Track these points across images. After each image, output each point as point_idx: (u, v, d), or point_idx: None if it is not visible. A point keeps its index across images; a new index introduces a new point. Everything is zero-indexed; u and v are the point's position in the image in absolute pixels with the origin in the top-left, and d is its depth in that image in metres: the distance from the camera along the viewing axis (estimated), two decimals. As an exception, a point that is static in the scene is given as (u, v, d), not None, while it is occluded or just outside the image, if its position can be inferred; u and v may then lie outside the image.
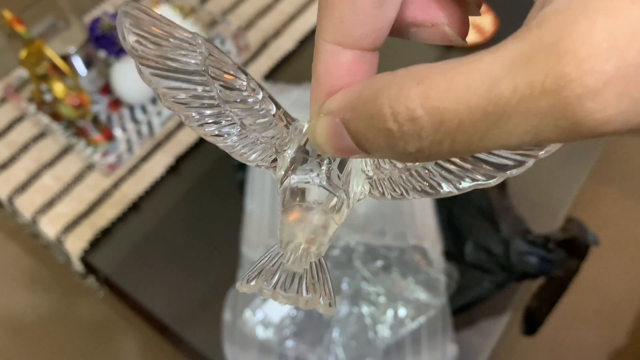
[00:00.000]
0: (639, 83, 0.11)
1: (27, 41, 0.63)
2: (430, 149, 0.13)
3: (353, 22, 0.16)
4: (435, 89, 0.13)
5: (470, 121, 0.12)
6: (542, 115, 0.12)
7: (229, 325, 0.58)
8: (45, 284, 1.23)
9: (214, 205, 0.69)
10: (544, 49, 0.11)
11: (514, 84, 0.12)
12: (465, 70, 0.12)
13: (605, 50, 0.11)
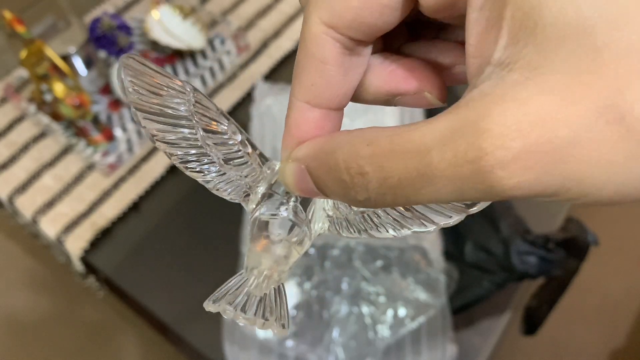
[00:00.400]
0: (539, 159, 0.13)
1: (28, 41, 0.63)
2: (376, 199, 0.16)
3: (321, 87, 0.18)
4: (381, 151, 0.15)
5: (407, 179, 0.15)
6: (464, 179, 0.14)
7: (229, 325, 0.58)
8: (45, 284, 1.23)
9: (214, 206, 0.69)
10: (468, 125, 0.14)
11: (442, 153, 0.14)
12: (406, 138, 0.15)
13: (513, 132, 0.13)
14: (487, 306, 0.60)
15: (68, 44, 0.72)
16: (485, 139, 0.13)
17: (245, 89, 0.79)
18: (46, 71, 0.66)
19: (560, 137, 0.13)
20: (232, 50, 0.81)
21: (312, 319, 0.58)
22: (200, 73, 0.78)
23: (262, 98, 0.73)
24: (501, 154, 0.13)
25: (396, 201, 0.16)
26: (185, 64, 0.80)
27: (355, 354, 0.56)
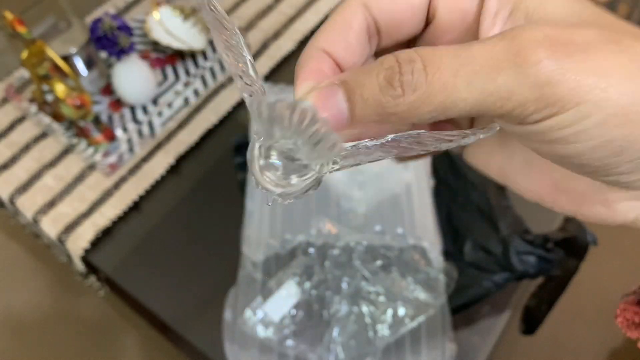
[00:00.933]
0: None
1: (29, 42, 0.64)
2: (419, 102, 0.16)
3: (341, 45, 0.19)
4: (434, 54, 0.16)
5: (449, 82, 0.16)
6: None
7: (230, 325, 0.58)
8: (46, 284, 1.23)
9: (214, 205, 0.69)
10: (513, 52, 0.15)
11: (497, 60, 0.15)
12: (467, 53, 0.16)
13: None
14: (486, 306, 0.60)
15: (69, 44, 0.72)
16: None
17: (246, 90, 0.79)
18: (47, 71, 0.66)
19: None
20: (232, 51, 0.81)
21: (312, 319, 0.58)
22: (201, 73, 0.78)
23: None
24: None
25: (434, 106, 0.16)
26: (185, 65, 0.80)
27: (355, 353, 0.56)
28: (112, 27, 0.69)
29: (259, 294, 0.59)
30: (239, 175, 0.70)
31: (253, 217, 0.64)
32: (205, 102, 0.78)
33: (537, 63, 0.15)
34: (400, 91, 0.16)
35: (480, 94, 0.15)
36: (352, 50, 0.19)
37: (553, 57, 0.15)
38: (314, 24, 0.86)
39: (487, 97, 0.15)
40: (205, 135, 0.75)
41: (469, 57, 0.15)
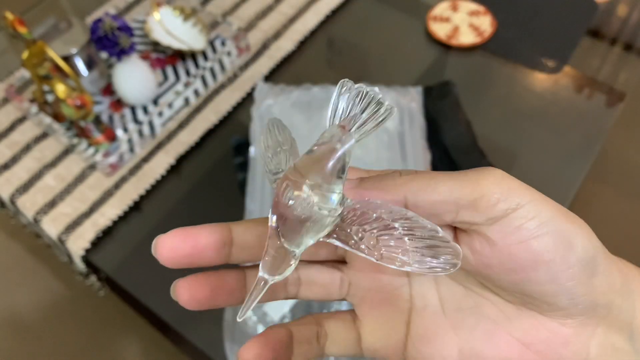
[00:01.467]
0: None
1: (29, 42, 0.64)
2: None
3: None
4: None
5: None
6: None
7: (230, 324, 0.58)
8: (47, 283, 1.23)
9: (214, 205, 0.69)
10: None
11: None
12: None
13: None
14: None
15: (69, 44, 0.72)
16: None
17: (246, 90, 0.79)
18: (48, 72, 0.66)
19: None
20: (232, 51, 0.81)
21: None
22: (201, 74, 0.78)
23: (263, 99, 0.73)
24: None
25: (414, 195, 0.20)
26: (186, 65, 0.80)
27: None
28: (112, 28, 0.69)
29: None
30: (239, 175, 0.70)
31: (253, 216, 0.64)
32: (206, 103, 0.78)
33: (494, 171, 0.19)
34: (398, 174, 0.21)
35: (455, 184, 0.19)
36: None
37: (504, 174, 0.19)
38: (314, 24, 0.86)
39: (461, 185, 0.19)
40: (205, 136, 0.75)
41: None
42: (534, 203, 0.19)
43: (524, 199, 0.19)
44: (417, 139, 0.67)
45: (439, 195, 0.19)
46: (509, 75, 0.80)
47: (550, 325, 0.20)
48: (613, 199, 1.31)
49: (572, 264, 0.19)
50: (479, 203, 0.19)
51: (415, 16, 0.88)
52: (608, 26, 0.87)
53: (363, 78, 0.78)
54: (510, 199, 0.19)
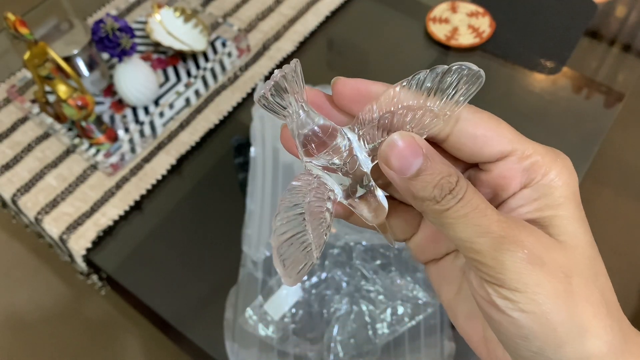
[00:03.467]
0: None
1: (31, 43, 0.64)
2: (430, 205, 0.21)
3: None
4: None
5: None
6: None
7: (230, 323, 0.59)
8: (48, 283, 1.23)
9: (215, 205, 0.70)
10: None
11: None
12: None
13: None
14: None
15: (71, 45, 0.73)
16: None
17: (246, 90, 0.79)
18: (49, 72, 0.67)
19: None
20: (233, 52, 0.82)
21: (312, 317, 0.58)
22: (202, 74, 0.78)
23: (263, 99, 0.73)
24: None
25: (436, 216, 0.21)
26: (187, 66, 0.81)
27: (355, 351, 0.56)
28: (113, 29, 0.70)
29: (260, 293, 0.59)
30: (240, 175, 0.70)
31: (253, 216, 0.64)
32: (206, 103, 0.78)
33: (513, 254, 0.20)
34: (441, 198, 0.20)
35: (470, 233, 0.20)
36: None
37: (521, 255, 0.20)
38: (314, 25, 0.87)
39: (470, 238, 0.20)
40: (206, 136, 0.76)
41: (479, 218, 0.20)
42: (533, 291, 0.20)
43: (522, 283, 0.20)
44: (417, 139, 0.67)
45: (455, 233, 0.21)
46: (508, 76, 0.80)
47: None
48: (611, 199, 1.32)
49: (564, 342, 0.20)
50: (477, 257, 0.21)
51: (415, 17, 0.88)
52: (607, 27, 0.88)
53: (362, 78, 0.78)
54: (507, 281, 0.20)
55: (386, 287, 0.59)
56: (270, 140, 0.70)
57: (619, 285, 0.83)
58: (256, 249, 0.62)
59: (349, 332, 0.57)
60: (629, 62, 0.84)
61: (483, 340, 0.23)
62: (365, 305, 0.58)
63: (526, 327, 0.20)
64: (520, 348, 0.20)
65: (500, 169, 0.22)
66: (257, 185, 0.66)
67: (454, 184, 0.20)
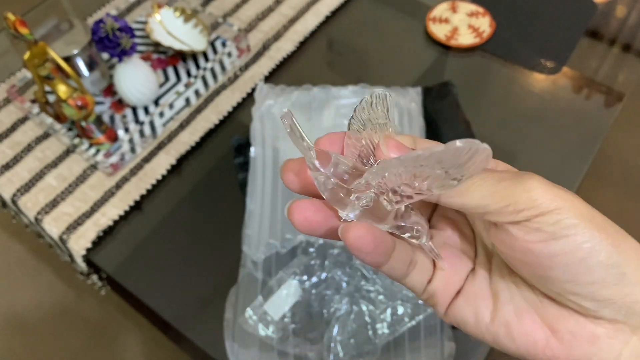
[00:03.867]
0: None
1: (31, 43, 0.64)
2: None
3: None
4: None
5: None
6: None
7: (230, 323, 0.59)
8: (48, 283, 1.24)
9: (215, 205, 0.70)
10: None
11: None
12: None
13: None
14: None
15: (71, 45, 0.73)
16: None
17: (246, 90, 0.79)
18: (49, 72, 0.67)
19: None
20: (233, 52, 0.82)
21: (312, 317, 0.58)
22: (202, 74, 0.78)
23: (263, 99, 0.73)
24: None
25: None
26: (187, 66, 0.81)
27: (355, 351, 0.56)
28: (113, 29, 0.70)
29: (260, 293, 0.59)
30: (240, 175, 0.70)
31: (253, 216, 0.64)
32: (206, 103, 0.78)
33: (529, 179, 0.20)
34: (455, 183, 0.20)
35: (487, 191, 0.21)
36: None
37: (541, 181, 0.20)
38: (314, 25, 0.87)
39: (492, 193, 0.21)
40: (206, 136, 0.76)
41: (487, 171, 0.21)
42: (559, 210, 0.20)
43: (550, 206, 0.20)
44: (417, 139, 0.67)
45: (470, 201, 0.21)
46: (508, 76, 0.80)
47: (581, 320, 0.21)
48: (612, 198, 1.32)
49: (592, 268, 0.20)
50: (504, 210, 0.20)
51: (415, 17, 0.88)
52: (607, 27, 0.88)
53: (363, 79, 0.78)
54: (535, 206, 0.20)
55: (386, 287, 0.59)
56: (270, 140, 0.70)
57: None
58: (256, 249, 0.62)
59: (349, 332, 0.57)
60: (629, 62, 0.84)
61: (550, 336, 0.22)
62: (365, 305, 0.58)
63: (560, 254, 0.20)
64: (554, 281, 0.20)
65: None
66: (257, 185, 0.66)
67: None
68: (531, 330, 0.22)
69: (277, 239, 0.62)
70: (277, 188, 0.66)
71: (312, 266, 0.60)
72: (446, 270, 0.25)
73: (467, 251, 0.25)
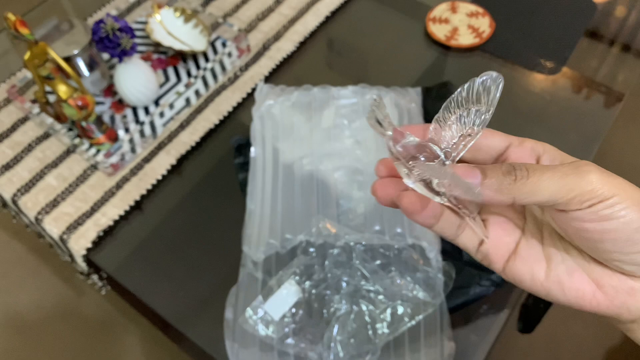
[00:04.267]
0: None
1: (31, 43, 0.64)
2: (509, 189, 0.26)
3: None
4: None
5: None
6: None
7: (230, 323, 0.59)
8: (48, 282, 1.24)
9: (215, 205, 0.70)
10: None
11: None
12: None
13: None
14: (484, 304, 0.61)
15: (71, 45, 0.73)
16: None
17: (247, 90, 0.80)
18: (50, 72, 0.67)
19: None
20: (233, 52, 0.82)
21: (312, 317, 0.59)
22: (202, 74, 0.78)
23: (263, 99, 0.74)
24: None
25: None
26: (187, 66, 0.81)
27: (355, 351, 0.57)
28: (114, 29, 0.70)
29: (260, 293, 0.59)
30: (240, 175, 0.70)
31: (253, 216, 0.64)
32: (206, 103, 0.78)
33: (589, 173, 0.25)
34: (513, 178, 0.26)
35: (555, 188, 0.25)
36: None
37: (598, 173, 0.25)
38: (314, 25, 0.87)
39: (560, 189, 0.25)
40: (206, 136, 0.76)
41: (551, 169, 0.25)
42: (615, 198, 0.24)
43: (608, 195, 0.24)
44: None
45: (542, 198, 0.25)
46: (508, 76, 0.81)
47: (622, 277, 0.27)
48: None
49: (636, 242, 0.25)
50: (572, 201, 0.25)
51: (415, 17, 0.88)
52: (606, 27, 0.88)
53: (363, 79, 0.79)
54: (596, 196, 0.24)
55: (386, 287, 0.59)
56: (270, 141, 0.70)
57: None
58: (256, 248, 0.62)
59: (349, 332, 0.57)
60: (628, 62, 0.84)
61: (596, 290, 0.27)
62: (365, 305, 0.58)
63: (611, 231, 0.25)
64: (602, 251, 0.26)
65: (513, 157, 0.29)
66: (257, 185, 0.66)
67: (512, 167, 0.26)
68: (580, 285, 0.27)
69: (277, 239, 0.62)
70: (277, 188, 0.66)
71: (312, 266, 0.60)
72: (488, 241, 0.29)
73: (516, 219, 0.30)
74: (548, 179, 0.25)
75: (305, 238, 0.62)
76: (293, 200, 0.64)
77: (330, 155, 0.66)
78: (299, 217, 0.63)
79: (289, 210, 0.63)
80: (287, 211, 0.63)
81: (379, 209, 0.63)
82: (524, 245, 0.29)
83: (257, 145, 0.70)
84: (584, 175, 0.25)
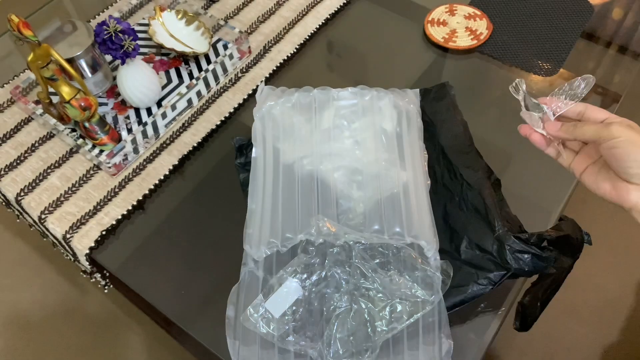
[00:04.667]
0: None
1: (34, 44, 0.65)
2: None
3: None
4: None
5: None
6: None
7: (232, 321, 0.59)
8: (52, 281, 1.24)
9: (217, 205, 0.70)
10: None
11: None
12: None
13: None
14: (482, 303, 0.61)
15: (74, 47, 0.74)
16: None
17: (248, 92, 0.80)
18: (53, 74, 0.67)
19: None
20: (234, 54, 0.83)
21: (312, 315, 0.59)
22: (204, 76, 0.79)
23: (264, 100, 0.74)
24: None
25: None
26: (189, 67, 0.82)
27: (354, 349, 0.57)
28: (116, 31, 0.71)
29: (261, 291, 0.60)
30: (241, 175, 0.71)
31: (255, 216, 0.65)
32: (208, 104, 0.79)
33: (612, 124, 0.46)
34: (574, 125, 0.49)
35: (593, 131, 0.47)
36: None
37: (617, 124, 0.46)
38: (314, 28, 0.88)
39: (594, 132, 0.47)
40: (207, 136, 0.76)
41: (594, 124, 0.48)
42: (620, 138, 0.44)
43: (616, 135, 0.44)
44: (415, 140, 0.68)
45: (586, 136, 0.47)
46: (506, 78, 0.81)
47: (624, 182, 0.46)
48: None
49: (631, 161, 0.44)
50: (599, 139, 0.46)
51: (413, 20, 0.89)
52: (603, 29, 0.89)
53: (362, 80, 0.79)
54: (615, 138, 0.44)
55: (385, 286, 0.59)
56: (271, 141, 0.71)
57: (616, 284, 0.84)
58: (257, 247, 0.62)
59: (348, 329, 0.58)
60: (625, 64, 0.85)
61: (612, 189, 0.48)
62: (365, 304, 0.59)
63: (616, 154, 0.45)
64: (616, 165, 0.46)
65: (592, 117, 0.51)
66: (258, 185, 0.67)
67: (576, 123, 0.49)
68: (607, 186, 0.48)
69: (277, 238, 0.62)
70: (278, 188, 0.66)
71: (312, 265, 0.61)
72: (564, 163, 0.53)
73: (593, 154, 0.51)
74: (589, 127, 0.47)
75: (305, 237, 0.62)
76: (293, 200, 0.65)
77: (330, 155, 0.67)
78: (299, 217, 0.63)
79: (290, 209, 0.64)
80: (287, 211, 0.64)
81: (378, 209, 0.63)
82: (590, 166, 0.51)
83: (258, 145, 0.70)
84: (609, 126, 0.45)
